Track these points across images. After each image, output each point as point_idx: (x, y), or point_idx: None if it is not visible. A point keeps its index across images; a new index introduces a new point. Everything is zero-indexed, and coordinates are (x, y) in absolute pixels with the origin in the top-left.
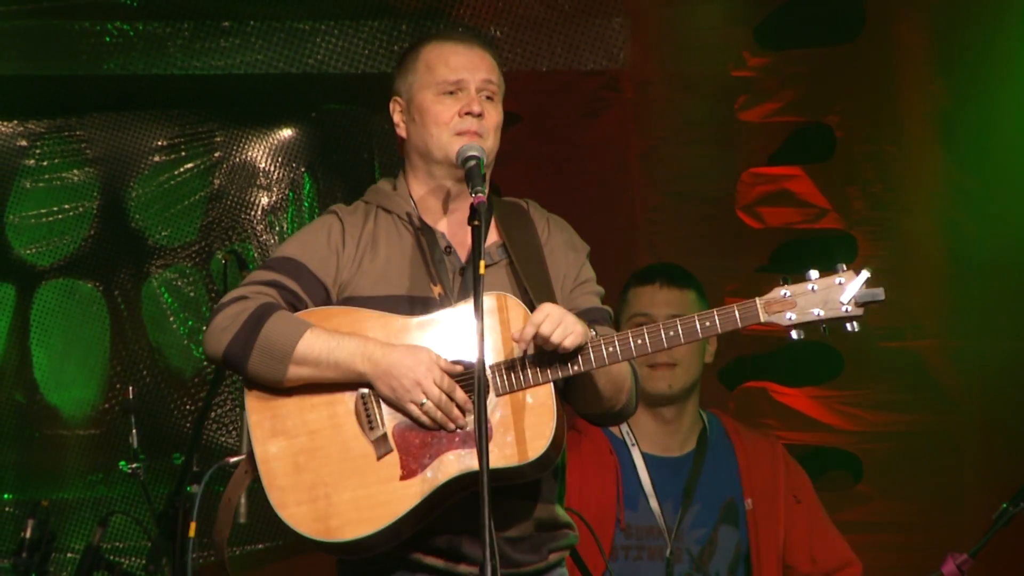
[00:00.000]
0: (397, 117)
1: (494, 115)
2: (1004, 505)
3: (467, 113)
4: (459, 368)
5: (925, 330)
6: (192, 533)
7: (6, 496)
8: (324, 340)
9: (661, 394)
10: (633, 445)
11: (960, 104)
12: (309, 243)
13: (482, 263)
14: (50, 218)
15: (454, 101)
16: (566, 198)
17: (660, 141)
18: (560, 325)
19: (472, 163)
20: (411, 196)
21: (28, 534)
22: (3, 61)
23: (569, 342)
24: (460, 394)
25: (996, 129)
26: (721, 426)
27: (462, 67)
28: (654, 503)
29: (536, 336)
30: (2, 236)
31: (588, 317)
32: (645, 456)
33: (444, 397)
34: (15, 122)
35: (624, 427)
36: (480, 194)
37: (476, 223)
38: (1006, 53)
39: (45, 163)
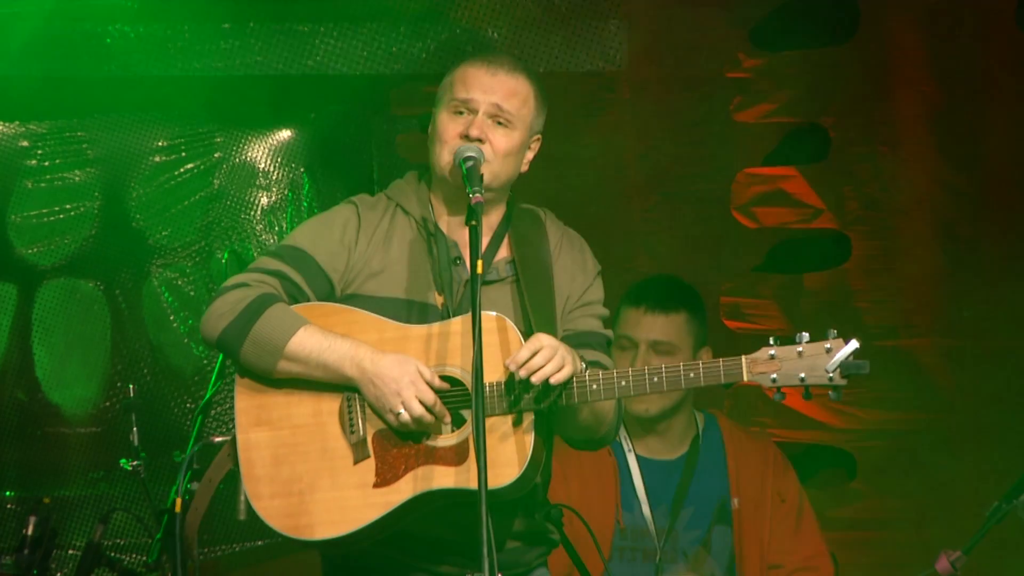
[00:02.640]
0: (431, 128)
1: (502, 142)
2: (997, 502)
3: (464, 136)
4: (445, 385)
5: (918, 329)
6: (179, 508)
7: (8, 493)
8: (316, 340)
9: (639, 416)
10: (629, 451)
11: (953, 105)
12: (322, 235)
13: (480, 263)
14: (51, 218)
15: (463, 121)
16: (564, 198)
17: (657, 142)
18: (553, 359)
19: (470, 163)
20: (430, 201)
21: (30, 531)
22: (5, 63)
23: (558, 377)
24: (440, 409)
25: (989, 129)
26: (717, 428)
27: (476, 87)
28: (646, 507)
29: (528, 364)
30: (4, 236)
31: (583, 340)
32: (640, 459)
33: (423, 411)
34: (17, 123)
35: (621, 431)
36: (477, 195)
37: (473, 223)
38: (999, 54)
39: (47, 163)
